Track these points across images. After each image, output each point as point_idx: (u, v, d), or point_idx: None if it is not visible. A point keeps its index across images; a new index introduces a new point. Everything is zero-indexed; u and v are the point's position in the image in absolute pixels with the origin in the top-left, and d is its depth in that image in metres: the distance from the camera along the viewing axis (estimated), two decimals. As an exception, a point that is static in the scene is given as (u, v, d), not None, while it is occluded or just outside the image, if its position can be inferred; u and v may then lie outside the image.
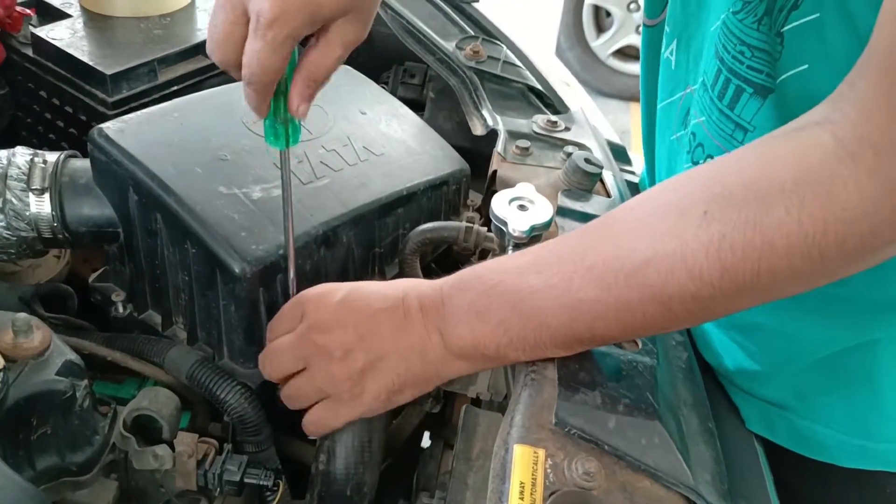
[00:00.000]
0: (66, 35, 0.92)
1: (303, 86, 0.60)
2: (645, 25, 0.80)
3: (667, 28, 0.74)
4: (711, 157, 0.66)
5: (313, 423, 0.66)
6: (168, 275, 0.75)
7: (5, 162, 0.75)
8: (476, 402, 0.81)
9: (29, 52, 0.94)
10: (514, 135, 0.95)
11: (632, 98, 3.81)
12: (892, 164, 0.43)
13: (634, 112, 3.77)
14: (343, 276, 0.78)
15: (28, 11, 0.97)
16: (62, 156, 0.77)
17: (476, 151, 0.98)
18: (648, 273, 0.51)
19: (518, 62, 1.07)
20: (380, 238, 0.81)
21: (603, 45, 3.73)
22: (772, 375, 0.71)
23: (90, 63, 0.88)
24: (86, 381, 0.66)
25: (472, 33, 1.10)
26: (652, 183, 0.84)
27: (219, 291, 0.71)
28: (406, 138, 0.88)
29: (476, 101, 1.02)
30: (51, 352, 0.65)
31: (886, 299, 0.59)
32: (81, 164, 0.78)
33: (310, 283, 0.73)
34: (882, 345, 0.65)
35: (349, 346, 0.62)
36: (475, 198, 0.96)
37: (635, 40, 3.69)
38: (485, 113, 0.99)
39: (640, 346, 0.66)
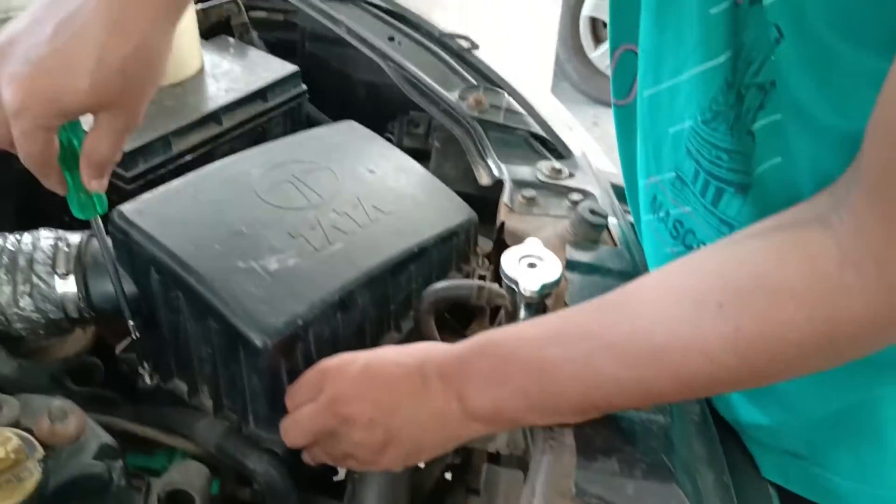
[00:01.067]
0: (82, 111, 0.94)
1: (87, 168, 0.64)
2: (615, 105, 0.81)
3: (637, 112, 0.76)
4: (704, 243, 0.68)
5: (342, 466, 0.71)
6: (192, 347, 0.77)
7: (31, 247, 0.78)
8: (496, 456, 0.84)
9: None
10: (519, 184, 0.97)
11: (632, 106, 3.82)
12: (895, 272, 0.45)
13: (635, 119, 3.78)
14: (359, 337, 0.81)
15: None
16: (85, 237, 0.80)
17: (482, 198, 1.00)
18: (667, 357, 0.53)
19: (520, 109, 1.09)
20: (394, 296, 0.83)
21: (601, 56, 3.75)
22: (783, 428, 0.72)
23: (105, 139, 0.90)
24: (120, 462, 0.69)
25: (474, 82, 1.12)
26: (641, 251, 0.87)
27: (241, 363, 0.73)
28: (414, 192, 0.91)
29: (481, 151, 1.04)
30: (86, 436, 0.68)
31: (886, 359, 0.61)
32: None
33: (328, 348, 0.76)
34: (885, 400, 0.67)
35: (370, 417, 0.64)
36: (484, 245, 0.98)
37: (633, 49, 3.71)
38: (490, 163, 1.02)
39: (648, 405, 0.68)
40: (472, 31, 1.26)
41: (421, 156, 1.15)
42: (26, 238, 0.79)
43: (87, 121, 0.64)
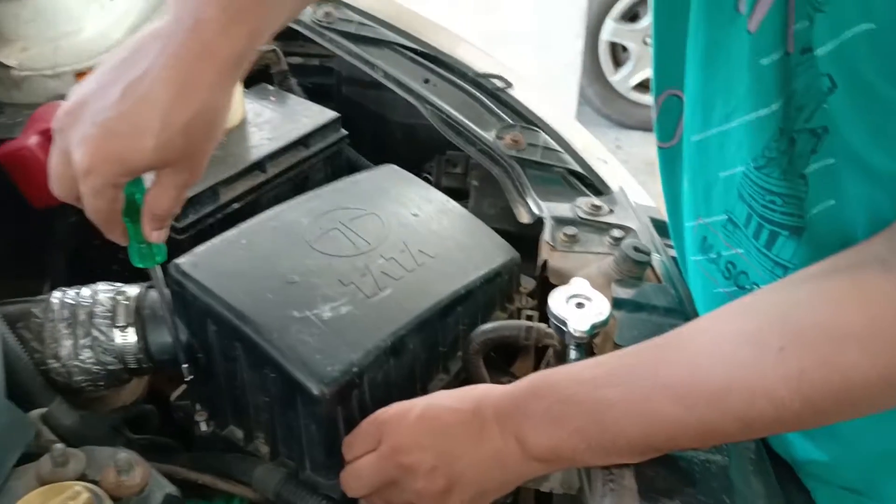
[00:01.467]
0: (132, 164, 0.97)
1: (148, 220, 0.67)
2: (659, 147, 0.83)
3: (683, 155, 0.77)
4: (757, 285, 0.69)
5: None
6: (248, 395, 0.79)
7: (90, 300, 0.80)
8: (547, 496, 0.84)
9: (97, 182, 0.99)
10: (559, 221, 0.98)
11: (655, 129, 3.83)
12: None
13: (658, 141, 3.78)
14: (410, 381, 0.82)
15: (92, 141, 1.02)
16: (142, 289, 0.82)
17: (522, 235, 1.02)
18: (729, 399, 0.54)
19: (556, 146, 1.11)
20: (442, 339, 0.85)
21: (622, 80, 3.77)
22: (839, 464, 0.72)
23: (156, 191, 0.92)
24: (184, 512, 0.70)
25: (510, 121, 1.14)
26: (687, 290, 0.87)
27: (299, 412, 0.74)
28: (457, 234, 0.92)
29: (520, 189, 1.05)
30: (150, 486, 0.69)
31: None
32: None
33: (381, 393, 0.77)
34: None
35: (431, 465, 0.65)
36: (527, 284, 0.99)
37: (653, 72, 3.72)
38: (529, 201, 1.03)
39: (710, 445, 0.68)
40: (498, 64, 1.29)
41: (460, 195, 1.17)
42: (85, 292, 0.81)
43: (148, 175, 0.67)
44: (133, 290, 0.82)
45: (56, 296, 0.81)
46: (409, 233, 0.89)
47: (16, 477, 0.69)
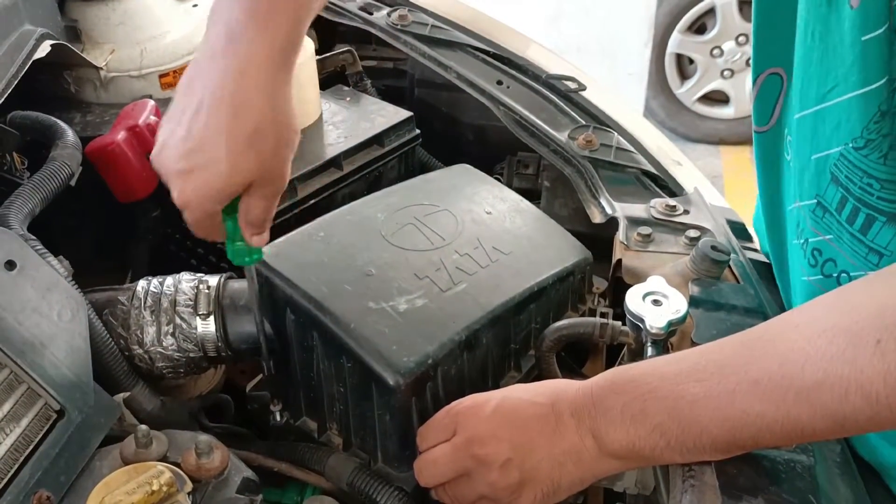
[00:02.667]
0: (213, 160, 1.00)
1: (246, 228, 0.69)
2: (755, 132, 0.81)
3: (788, 136, 0.75)
4: (847, 273, 0.67)
5: None
6: (323, 386, 0.80)
7: (173, 289, 0.82)
8: (622, 496, 0.83)
9: (179, 177, 1.02)
10: (633, 221, 0.97)
11: (721, 142, 3.77)
12: None
13: (725, 155, 3.73)
14: (482, 376, 0.82)
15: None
16: (222, 279, 0.84)
17: (594, 236, 1.01)
18: (821, 395, 0.52)
19: (630, 147, 1.10)
20: (515, 335, 0.85)
21: (687, 92, 3.72)
22: None
23: (237, 186, 0.95)
24: (261, 496, 0.71)
25: (583, 122, 1.13)
26: (784, 281, 0.85)
27: (374, 402, 0.75)
28: (530, 233, 0.92)
29: (593, 190, 1.04)
30: (229, 470, 0.71)
31: None
32: (239, 285, 0.84)
33: (454, 387, 0.77)
34: None
35: (506, 457, 0.65)
36: (599, 284, 0.98)
37: (720, 85, 3.66)
38: (602, 201, 1.02)
39: (794, 444, 0.66)
40: (570, 67, 1.28)
41: (531, 195, 1.16)
42: (169, 281, 0.84)
43: None
44: (213, 280, 0.84)
45: (141, 285, 0.83)
46: (482, 230, 0.90)
47: (101, 457, 0.72)
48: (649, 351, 0.78)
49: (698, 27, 3.61)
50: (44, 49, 1.01)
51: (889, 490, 0.74)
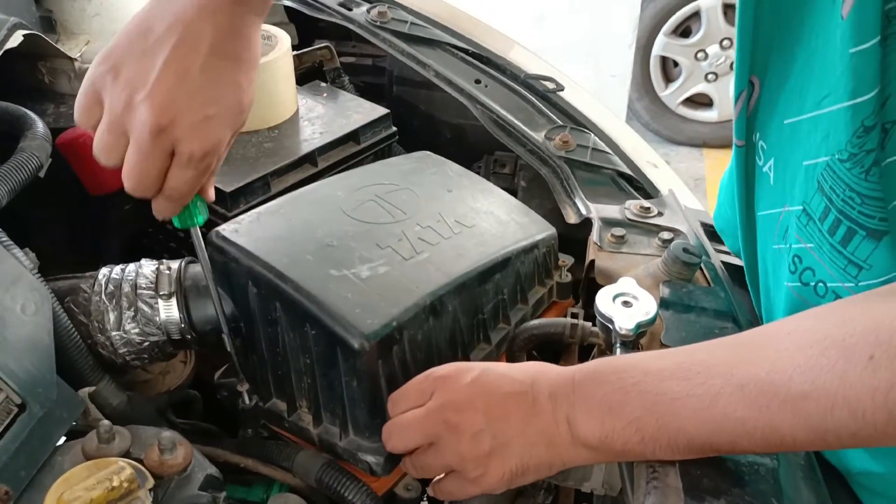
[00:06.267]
0: (186, 154, 0.99)
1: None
2: (736, 146, 0.81)
3: (763, 145, 0.75)
4: (824, 283, 0.67)
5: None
6: (290, 360, 0.78)
7: (134, 274, 0.81)
8: (588, 496, 0.83)
9: (152, 170, 1.01)
10: (607, 222, 0.97)
11: (704, 144, 3.79)
12: None
13: (708, 158, 3.75)
14: (451, 345, 0.81)
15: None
16: (184, 261, 0.83)
17: (569, 236, 1.01)
18: (807, 406, 0.52)
19: (606, 148, 1.10)
20: (482, 305, 0.84)
21: (672, 95, 3.73)
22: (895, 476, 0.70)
23: (210, 181, 0.94)
24: (224, 493, 0.71)
25: (560, 122, 1.13)
26: (755, 286, 0.85)
27: (340, 369, 0.74)
28: (493, 209, 0.92)
29: (568, 190, 1.04)
30: (193, 467, 0.70)
31: None
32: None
33: (422, 354, 0.77)
34: None
35: (478, 428, 0.64)
36: (566, 259, 0.99)
37: (704, 88, 3.68)
38: (577, 201, 1.02)
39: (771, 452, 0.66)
40: (549, 67, 1.28)
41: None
42: (130, 267, 0.82)
43: None
44: (175, 263, 0.83)
45: (103, 272, 0.82)
46: (444, 206, 0.89)
47: (62, 452, 0.71)
48: (618, 352, 0.78)
49: (683, 30, 3.62)
50: (16, 39, 1.00)
51: (854, 496, 0.75)
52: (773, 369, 0.54)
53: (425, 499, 0.95)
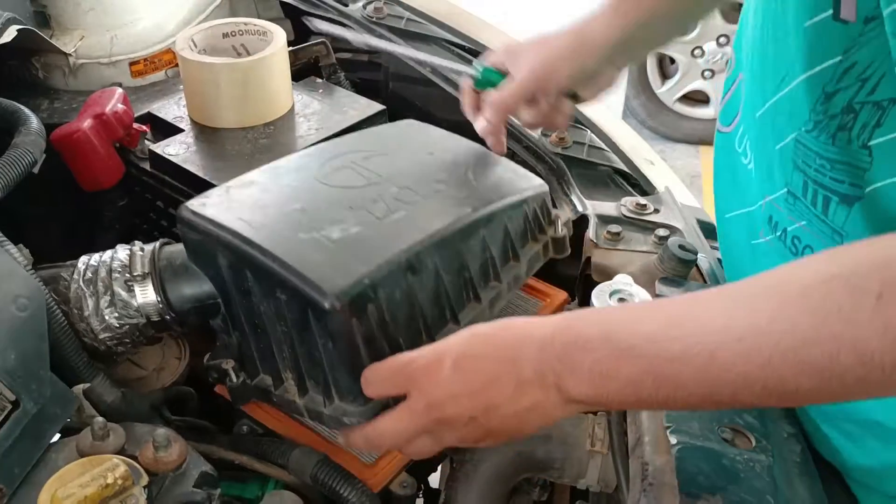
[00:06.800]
0: (181, 150, 0.99)
1: None
2: (719, 131, 0.81)
3: (746, 138, 0.75)
4: None
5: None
6: (269, 331, 0.75)
7: (109, 259, 0.81)
8: (584, 493, 0.83)
9: (146, 166, 1.01)
10: (604, 219, 0.97)
11: (701, 142, 3.79)
12: None
13: (704, 155, 3.75)
14: (437, 304, 0.78)
15: (144, 128, 1.04)
16: (158, 243, 0.82)
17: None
18: (811, 353, 0.49)
19: (603, 145, 1.10)
20: (469, 263, 0.81)
21: (668, 92, 3.73)
22: (890, 471, 0.70)
23: (204, 178, 0.94)
24: (219, 490, 0.71)
25: (557, 119, 1.13)
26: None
27: (315, 332, 0.71)
28: (478, 167, 0.89)
29: (565, 187, 1.04)
30: (187, 464, 0.70)
31: None
32: (176, 248, 0.81)
33: (404, 313, 0.74)
34: None
35: (469, 417, 0.63)
36: (558, 212, 0.95)
37: (701, 85, 3.68)
38: (574, 198, 1.02)
39: (755, 443, 0.66)
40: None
41: (503, 192, 1.16)
42: (107, 253, 0.82)
43: None
44: (149, 245, 0.82)
45: (83, 259, 0.82)
46: (424, 168, 0.86)
47: (57, 449, 0.71)
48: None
49: (680, 27, 3.62)
50: (9, 34, 1.00)
51: (850, 492, 0.75)
52: (773, 318, 0.51)
53: (421, 496, 0.95)
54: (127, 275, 0.79)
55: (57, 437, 0.73)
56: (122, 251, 0.82)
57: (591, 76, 0.91)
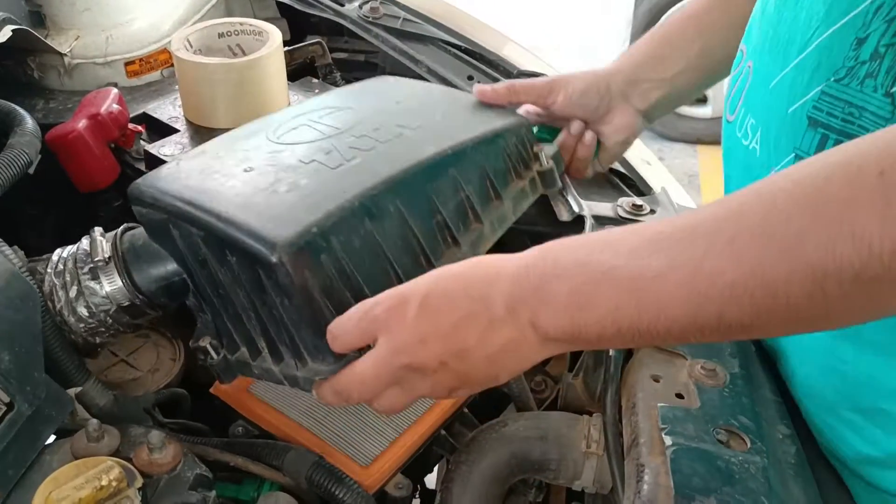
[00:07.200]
0: (176, 151, 0.99)
1: None
2: (726, 121, 0.81)
3: (751, 120, 0.76)
4: None
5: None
6: (233, 300, 0.73)
7: (74, 249, 0.80)
8: (580, 495, 0.83)
9: (141, 167, 1.01)
10: (600, 220, 0.97)
11: (698, 141, 3.79)
12: None
13: (702, 154, 3.75)
14: (408, 249, 0.74)
15: (139, 128, 1.04)
16: (121, 228, 0.81)
17: (562, 234, 1.00)
18: (804, 246, 0.45)
19: (598, 145, 1.09)
20: (438, 204, 0.76)
21: (666, 91, 3.74)
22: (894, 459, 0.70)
23: (199, 177, 0.93)
24: (214, 492, 0.71)
25: (552, 119, 1.13)
26: None
27: (270, 291, 0.68)
28: (447, 108, 0.85)
29: (561, 188, 1.04)
30: (182, 465, 0.70)
31: None
32: (138, 230, 0.80)
33: (368, 260, 0.70)
34: None
35: (439, 362, 0.59)
36: (541, 145, 0.91)
37: (698, 84, 3.68)
38: (570, 199, 1.02)
39: (749, 444, 0.66)
40: (543, 63, 1.28)
41: (499, 192, 1.16)
42: (72, 246, 0.81)
43: None
44: (112, 232, 0.81)
45: (57, 252, 0.81)
46: (387, 116, 0.81)
47: (51, 451, 0.71)
48: (611, 350, 0.78)
49: (677, 27, 3.63)
50: (5, 34, 0.99)
51: (847, 493, 0.75)
52: (769, 211, 0.47)
53: (417, 496, 0.95)
54: (91, 263, 0.78)
55: (52, 438, 0.72)
56: (85, 240, 0.80)
57: (604, 105, 0.94)
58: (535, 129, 0.94)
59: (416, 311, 0.58)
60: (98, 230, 0.81)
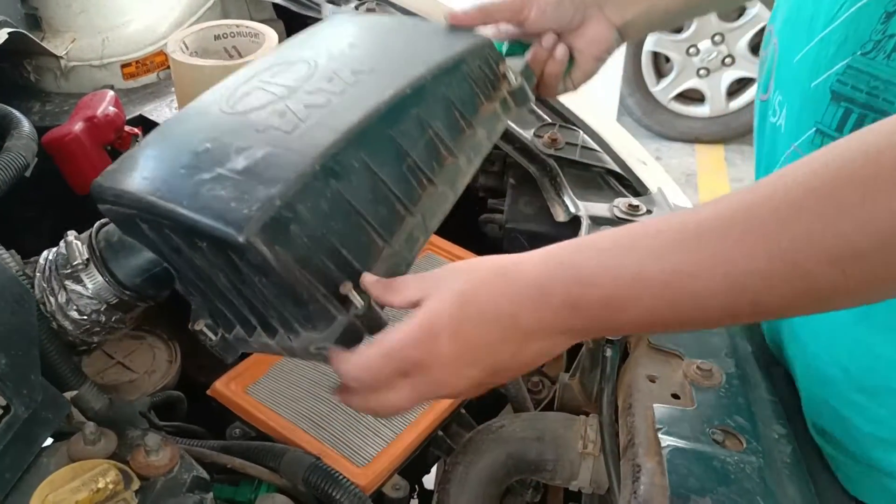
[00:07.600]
0: (172, 153, 0.98)
1: None
2: (759, 101, 0.82)
3: (778, 97, 0.76)
4: None
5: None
6: (216, 284, 0.72)
7: (55, 254, 0.80)
8: (577, 495, 0.83)
9: (138, 169, 1.01)
10: (596, 220, 0.97)
11: (696, 140, 3.80)
12: None
13: (700, 153, 3.76)
14: (382, 202, 0.71)
15: (135, 130, 1.04)
16: (95, 226, 0.81)
17: (558, 235, 1.00)
18: (839, 199, 0.46)
19: (595, 146, 1.10)
20: (405, 147, 0.72)
21: (663, 90, 3.74)
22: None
23: (196, 180, 0.93)
24: (211, 495, 0.71)
25: (549, 120, 1.13)
26: None
27: (243, 271, 0.67)
28: (402, 42, 0.82)
29: (557, 188, 1.04)
30: (179, 467, 0.70)
31: None
32: (111, 226, 0.80)
33: (337, 218, 0.68)
34: None
35: (478, 382, 0.60)
36: (510, 62, 0.87)
37: (695, 84, 3.69)
38: (566, 199, 1.02)
39: (745, 444, 0.67)
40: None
41: (496, 193, 1.16)
42: (55, 248, 0.82)
43: None
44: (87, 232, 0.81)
45: (44, 254, 0.81)
46: (341, 63, 0.78)
47: (47, 454, 0.71)
48: (608, 351, 0.79)
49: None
50: (0, 37, 0.99)
51: (843, 493, 0.75)
52: (806, 194, 0.47)
53: (414, 497, 0.95)
54: (69, 268, 0.78)
55: (49, 441, 0.73)
56: (62, 245, 0.80)
57: (578, 16, 0.88)
58: (505, 46, 0.91)
59: (450, 345, 0.58)
60: (72, 234, 0.81)
